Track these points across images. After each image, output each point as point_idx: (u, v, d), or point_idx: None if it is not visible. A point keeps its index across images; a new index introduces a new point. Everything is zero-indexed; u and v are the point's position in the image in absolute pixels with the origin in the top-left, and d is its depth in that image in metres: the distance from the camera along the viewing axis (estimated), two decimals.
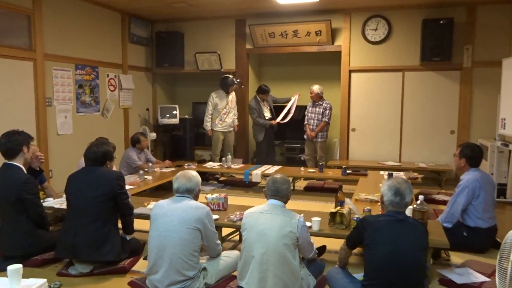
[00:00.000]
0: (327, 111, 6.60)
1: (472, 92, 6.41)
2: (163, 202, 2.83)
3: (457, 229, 3.60)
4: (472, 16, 6.28)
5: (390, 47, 6.70)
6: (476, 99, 6.41)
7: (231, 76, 6.88)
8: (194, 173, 2.89)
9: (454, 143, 6.45)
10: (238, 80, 7.08)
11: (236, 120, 7.11)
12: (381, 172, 5.63)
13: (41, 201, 3.61)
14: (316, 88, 6.61)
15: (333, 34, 6.86)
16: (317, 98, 6.64)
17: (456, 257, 3.51)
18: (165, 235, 2.67)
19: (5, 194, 3.23)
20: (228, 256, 2.99)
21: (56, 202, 3.96)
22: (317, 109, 6.67)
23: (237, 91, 7.41)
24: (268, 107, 7.07)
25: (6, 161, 3.40)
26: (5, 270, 2.32)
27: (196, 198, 2.87)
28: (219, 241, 2.93)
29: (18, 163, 3.38)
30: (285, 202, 2.69)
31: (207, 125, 6.85)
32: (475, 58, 6.31)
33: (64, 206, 3.66)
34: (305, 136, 6.84)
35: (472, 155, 3.70)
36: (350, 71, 6.95)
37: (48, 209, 3.80)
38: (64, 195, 3.39)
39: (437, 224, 3.41)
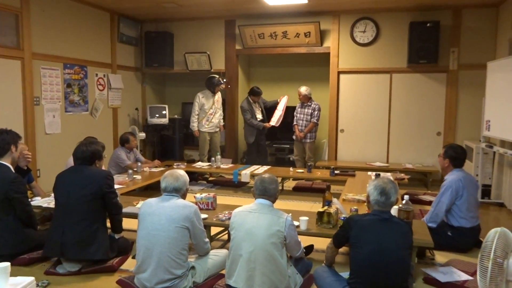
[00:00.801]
0: (316, 112, 6.66)
1: (458, 94, 6.52)
2: (151, 200, 2.85)
3: (442, 228, 3.67)
4: (458, 20, 6.39)
5: (378, 49, 6.78)
6: (462, 101, 6.53)
7: (217, 76, 6.90)
8: (182, 172, 2.91)
9: (440, 144, 6.54)
10: (225, 80, 7.11)
11: (222, 120, 7.13)
12: (369, 173, 5.70)
13: (29, 200, 3.59)
14: (303, 89, 6.66)
15: (322, 35, 6.92)
16: (306, 99, 6.70)
17: (440, 256, 3.58)
18: (153, 234, 2.68)
19: None
20: (216, 255, 3.01)
21: (44, 201, 3.95)
22: (306, 110, 6.72)
23: (227, 92, 7.44)
24: (260, 109, 7.12)
25: None
26: None
27: (183, 197, 2.89)
28: (207, 239, 2.95)
29: (5, 162, 3.36)
30: (273, 202, 2.73)
31: (194, 125, 6.85)
32: (461, 61, 6.42)
33: (52, 205, 3.66)
34: (294, 137, 6.89)
35: (455, 156, 3.78)
36: (339, 73, 7.02)
37: (36, 208, 3.78)
38: (52, 194, 3.38)
39: (422, 224, 3.47)
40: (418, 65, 6.50)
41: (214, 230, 3.65)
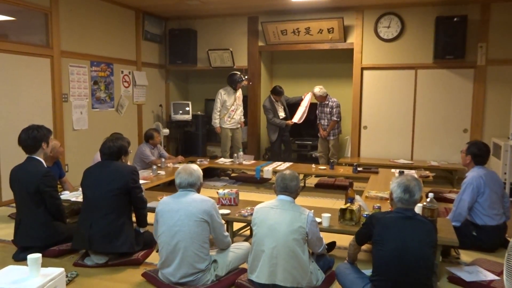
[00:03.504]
0: (334, 110, 6.65)
1: (485, 91, 6.36)
2: (167, 198, 2.88)
3: (466, 228, 3.59)
4: (486, 14, 6.22)
5: (403, 44, 6.68)
6: (490, 98, 6.37)
7: (238, 73, 6.93)
8: (195, 167, 2.92)
9: (467, 141, 6.39)
10: (246, 77, 7.13)
11: (242, 117, 7.16)
12: (392, 170, 5.63)
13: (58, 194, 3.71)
14: (317, 91, 6.65)
15: (346, 31, 6.86)
16: (322, 99, 6.72)
17: (465, 256, 3.51)
18: (175, 230, 2.73)
19: (26, 186, 3.34)
20: (238, 248, 3.04)
21: (72, 195, 4.06)
22: (325, 109, 6.75)
23: (249, 89, 7.47)
24: (282, 107, 7.13)
25: (28, 155, 3.50)
26: (24, 259, 2.42)
27: (198, 191, 2.91)
28: (226, 233, 2.96)
29: (38, 157, 3.48)
30: (294, 198, 2.74)
31: (216, 122, 6.90)
32: (489, 56, 6.26)
33: (80, 199, 3.76)
34: (319, 134, 6.90)
35: (478, 153, 3.70)
36: (362, 69, 6.94)
37: (65, 202, 3.90)
38: (80, 189, 3.47)
39: (447, 222, 3.41)
40: (444, 60, 6.37)
41: (236, 226, 3.69)
